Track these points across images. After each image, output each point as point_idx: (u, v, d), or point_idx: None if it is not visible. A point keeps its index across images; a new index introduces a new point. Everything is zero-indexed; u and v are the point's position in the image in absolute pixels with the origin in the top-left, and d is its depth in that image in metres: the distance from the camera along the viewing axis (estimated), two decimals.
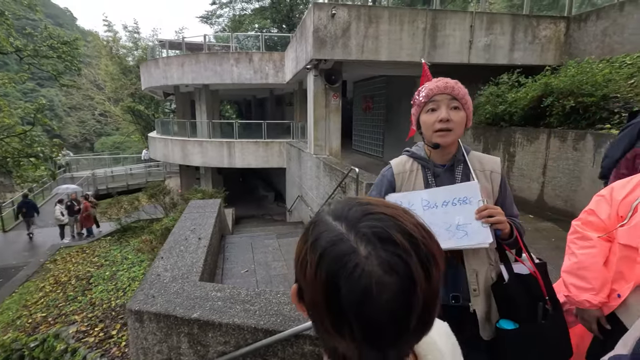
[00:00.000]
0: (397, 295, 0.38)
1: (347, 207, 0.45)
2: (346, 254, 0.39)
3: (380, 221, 0.42)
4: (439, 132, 1.30)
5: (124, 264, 8.84)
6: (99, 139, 40.75)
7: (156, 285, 2.45)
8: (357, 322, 0.39)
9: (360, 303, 0.38)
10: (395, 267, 0.39)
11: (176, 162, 15.56)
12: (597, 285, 1.34)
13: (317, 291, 0.41)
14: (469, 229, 1.26)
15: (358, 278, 0.38)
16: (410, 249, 0.40)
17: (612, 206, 1.34)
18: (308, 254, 0.43)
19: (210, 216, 4.13)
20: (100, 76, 26.93)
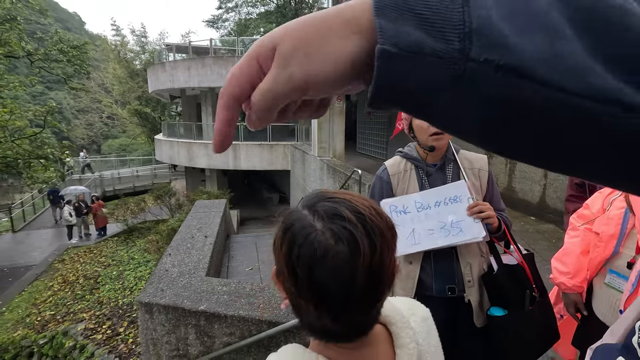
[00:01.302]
0: (344, 260, 0.44)
1: (312, 195, 0.52)
2: (304, 227, 0.46)
3: (334, 202, 0.48)
4: (434, 135, 1.36)
5: (131, 264, 8.98)
6: (106, 141, 41.21)
7: (165, 280, 2.56)
8: (311, 285, 0.46)
9: (311, 266, 0.45)
10: (342, 236, 0.45)
11: (182, 164, 15.74)
12: (572, 270, 1.44)
13: (281, 260, 0.48)
14: (462, 225, 1.35)
15: (310, 245, 0.45)
16: (357, 222, 0.46)
17: (603, 201, 1.43)
18: (277, 232, 0.50)
19: (216, 215, 4.24)
20: (108, 79, 27.29)
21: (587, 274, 1.39)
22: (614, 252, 1.26)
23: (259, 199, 17.44)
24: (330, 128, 8.33)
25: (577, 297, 1.43)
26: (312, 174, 9.42)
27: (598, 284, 1.36)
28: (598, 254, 1.32)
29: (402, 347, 0.55)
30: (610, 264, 1.29)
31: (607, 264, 1.30)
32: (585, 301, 1.43)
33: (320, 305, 0.47)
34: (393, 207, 1.42)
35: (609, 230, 1.29)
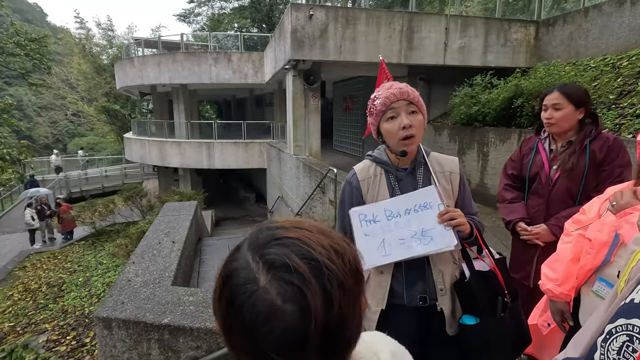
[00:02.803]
0: (292, 323, 0.37)
1: (258, 232, 0.45)
2: (246, 283, 0.39)
3: (283, 247, 0.41)
4: (404, 140, 1.30)
5: (99, 269, 8.56)
6: (72, 140, 39.25)
7: (126, 291, 2.39)
8: (251, 353, 0.39)
9: (252, 332, 0.38)
10: (290, 296, 0.38)
11: (153, 163, 15.21)
12: (561, 277, 1.39)
13: (220, 319, 0.41)
14: (434, 234, 1.30)
15: (249, 307, 0.38)
16: (310, 274, 0.39)
17: (600, 206, 1.40)
18: (217, 281, 0.43)
19: (186, 219, 4.06)
20: (72, 75, 25.93)
21: (576, 282, 1.34)
22: (605, 260, 1.21)
23: (235, 198, 17.13)
24: (306, 126, 8.23)
25: (563, 306, 1.39)
26: (288, 173, 9.30)
27: (585, 292, 1.31)
28: (588, 261, 1.27)
29: None
30: (601, 272, 1.24)
31: (597, 272, 1.25)
32: (572, 310, 1.38)
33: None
34: (362, 215, 1.36)
35: (602, 237, 1.24)
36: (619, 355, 0.63)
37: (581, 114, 1.78)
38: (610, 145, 1.72)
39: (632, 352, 0.60)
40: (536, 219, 1.91)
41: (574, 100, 1.76)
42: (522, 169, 1.99)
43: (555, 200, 1.83)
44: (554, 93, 1.81)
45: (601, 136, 1.77)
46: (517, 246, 2.03)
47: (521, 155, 2.03)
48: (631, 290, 0.70)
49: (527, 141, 2.05)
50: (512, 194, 2.04)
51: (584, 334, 0.87)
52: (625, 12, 6.26)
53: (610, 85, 5.07)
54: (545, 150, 1.90)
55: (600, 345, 0.69)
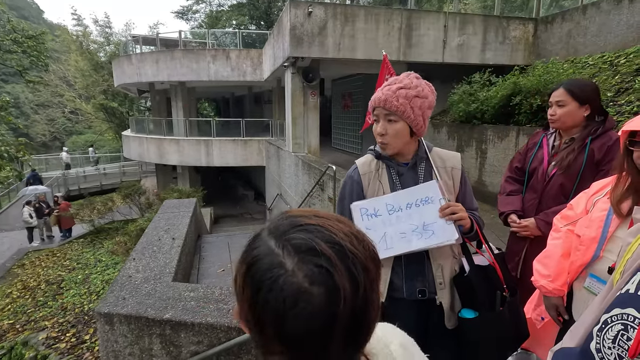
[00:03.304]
0: (320, 307, 0.38)
1: (279, 221, 0.45)
2: (271, 267, 0.39)
3: (307, 232, 0.41)
4: (380, 142, 1.38)
5: (98, 267, 8.56)
6: (69, 137, 39.09)
7: (127, 287, 2.40)
8: (282, 337, 0.39)
9: (282, 317, 0.38)
10: (318, 278, 0.38)
11: (152, 161, 15.18)
12: (553, 273, 1.40)
13: (245, 304, 0.41)
14: (435, 228, 1.31)
15: (278, 290, 0.38)
16: (336, 257, 0.39)
17: (587, 201, 1.40)
18: (239, 268, 0.43)
19: (185, 216, 4.07)
20: (70, 72, 25.78)
21: (568, 277, 1.35)
22: (594, 256, 1.22)
23: (234, 196, 17.13)
24: (304, 124, 8.23)
25: (557, 301, 1.40)
26: (287, 170, 9.31)
27: (578, 288, 1.32)
28: (578, 258, 1.28)
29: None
30: (591, 268, 1.25)
31: (588, 268, 1.26)
32: (566, 304, 1.40)
33: (296, 355, 0.40)
34: (364, 210, 1.37)
35: (590, 233, 1.24)
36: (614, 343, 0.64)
37: (587, 110, 1.75)
38: (610, 145, 1.70)
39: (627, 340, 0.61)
40: (528, 213, 1.93)
41: (578, 96, 1.74)
42: (525, 163, 2.01)
43: (548, 196, 1.85)
44: (559, 89, 1.80)
45: (605, 135, 1.73)
46: (511, 238, 2.07)
47: (527, 149, 2.04)
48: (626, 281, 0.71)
49: (534, 136, 2.06)
50: (513, 186, 2.05)
51: (580, 325, 0.88)
52: (623, 10, 6.28)
53: (608, 83, 5.09)
54: (548, 146, 1.91)
55: (596, 335, 0.70)
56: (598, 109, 1.79)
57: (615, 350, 0.64)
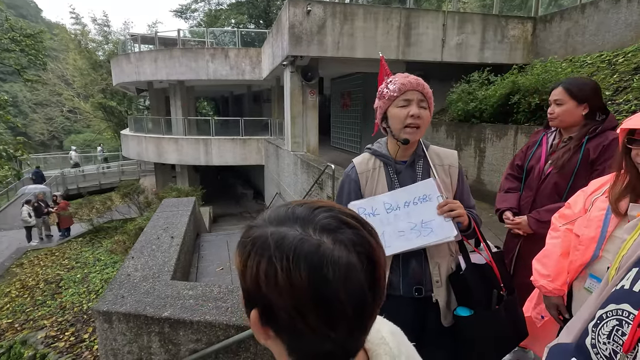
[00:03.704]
0: (368, 268, 0.42)
1: (289, 209, 0.45)
2: (317, 247, 0.40)
3: (329, 211, 0.44)
4: (409, 127, 1.32)
5: (97, 266, 8.55)
6: (68, 136, 38.97)
7: (126, 285, 2.41)
8: (349, 307, 0.40)
9: (347, 287, 0.40)
10: (360, 246, 0.42)
11: (151, 160, 15.16)
12: (552, 272, 1.40)
13: (301, 296, 0.40)
14: (433, 225, 1.31)
15: (337, 264, 0.39)
16: (360, 225, 0.44)
17: (585, 200, 1.39)
18: (271, 264, 0.41)
19: (184, 214, 4.07)
20: (68, 71, 25.71)
21: (568, 277, 1.35)
22: (593, 256, 1.22)
23: (233, 195, 17.12)
24: (303, 122, 8.24)
25: (558, 300, 1.40)
26: (286, 169, 9.31)
27: (577, 288, 1.32)
28: (578, 257, 1.27)
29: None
30: (590, 268, 1.24)
31: (587, 268, 1.25)
32: (566, 303, 1.39)
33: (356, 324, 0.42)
34: (362, 209, 1.37)
35: (589, 232, 1.24)
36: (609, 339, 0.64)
37: (585, 109, 1.74)
38: (605, 145, 1.69)
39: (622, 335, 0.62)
40: (524, 211, 1.94)
41: (576, 95, 1.73)
42: (525, 160, 2.02)
43: (542, 195, 1.85)
44: (558, 88, 1.80)
45: (602, 135, 1.72)
46: (507, 236, 2.08)
47: (527, 146, 2.05)
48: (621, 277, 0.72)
49: (535, 134, 2.06)
50: (511, 183, 2.06)
51: (576, 321, 0.88)
52: (621, 9, 6.29)
53: (607, 82, 5.10)
54: (547, 145, 1.91)
55: (591, 330, 0.71)
56: (598, 107, 1.78)
57: (610, 345, 0.65)
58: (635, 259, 0.72)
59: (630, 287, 0.65)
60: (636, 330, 0.58)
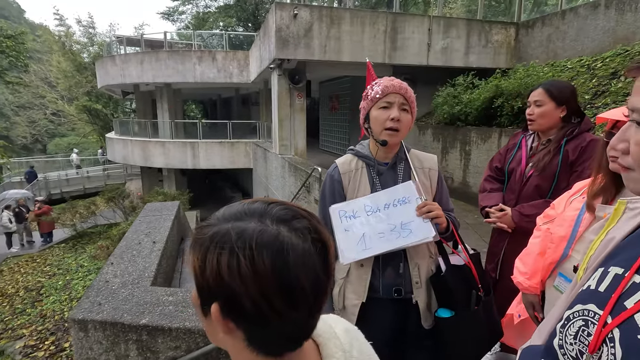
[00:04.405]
0: (322, 254, 0.46)
1: (244, 206, 0.49)
2: (275, 236, 0.43)
3: (282, 205, 0.48)
4: (389, 130, 1.34)
5: (79, 272, 8.35)
6: (52, 140, 38.10)
7: (103, 292, 2.34)
8: (309, 289, 0.44)
9: (307, 271, 0.44)
10: (314, 233, 0.46)
11: (137, 163, 14.93)
12: (530, 270, 1.43)
13: (265, 279, 0.42)
14: (412, 226, 1.32)
15: (295, 250, 0.43)
16: (311, 217, 0.48)
17: (566, 200, 1.42)
18: (233, 256, 0.42)
19: (168, 219, 3.99)
20: (52, 73, 25.17)
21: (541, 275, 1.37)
22: (563, 255, 1.23)
23: (222, 198, 16.95)
24: (291, 125, 8.22)
25: (534, 298, 1.42)
26: (274, 172, 9.27)
27: (549, 286, 1.34)
28: (549, 256, 1.30)
29: (329, 357, 0.54)
30: (560, 267, 1.26)
31: (558, 266, 1.27)
32: (541, 302, 1.41)
33: (316, 305, 0.46)
34: (342, 212, 1.37)
35: (561, 231, 1.26)
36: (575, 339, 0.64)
37: (563, 111, 1.77)
38: (584, 147, 1.71)
39: (587, 336, 0.62)
40: None
41: (555, 97, 1.75)
42: (505, 163, 2.03)
43: (525, 197, 1.86)
44: (538, 89, 1.82)
45: (579, 137, 1.75)
46: (493, 239, 2.08)
47: (506, 149, 2.06)
48: (588, 278, 0.72)
49: (514, 137, 2.08)
50: (492, 184, 2.07)
51: (547, 323, 0.89)
52: (599, 15, 6.47)
53: (586, 86, 5.23)
54: (527, 147, 1.93)
55: (559, 331, 0.71)
56: (574, 110, 1.81)
57: (577, 346, 0.64)
58: (601, 260, 0.73)
59: (596, 287, 0.65)
60: (601, 330, 0.58)
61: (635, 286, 0.55)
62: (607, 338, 0.54)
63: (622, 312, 0.54)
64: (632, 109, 0.55)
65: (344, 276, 1.43)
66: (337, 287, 1.45)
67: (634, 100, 0.54)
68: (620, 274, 0.59)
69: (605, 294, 0.59)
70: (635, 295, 0.53)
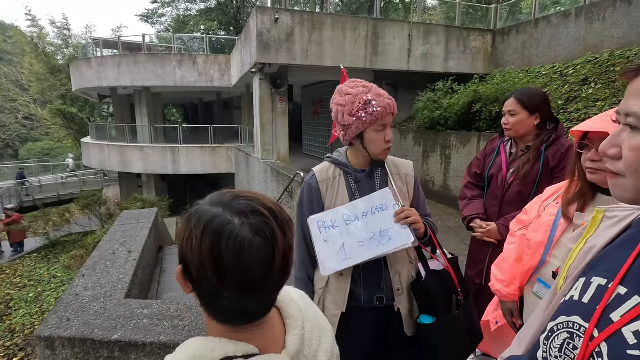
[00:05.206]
0: (264, 249, 0.52)
1: (221, 195, 0.58)
2: (224, 224, 0.52)
3: (248, 200, 0.56)
4: (386, 150, 1.38)
5: (52, 283, 7.99)
6: (24, 145, 36.57)
7: (73, 307, 2.22)
8: (237, 273, 0.51)
9: (237, 258, 0.51)
10: (262, 229, 0.53)
11: (114, 169, 14.50)
12: (507, 277, 1.42)
13: (204, 257, 0.52)
14: (391, 233, 1.31)
15: (234, 239, 0.51)
16: (270, 216, 0.55)
17: (540, 206, 1.42)
18: (192, 232, 0.53)
19: (145, 227, 3.86)
20: (24, 76, 24.20)
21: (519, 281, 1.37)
22: (541, 261, 1.24)
23: None
24: (273, 130, 8.16)
25: (512, 305, 1.42)
26: (256, 177, 9.16)
27: (528, 293, 1.34)
28: (527, 262, 1.30)
29: (290, 317, 0.66)
30: (539, 273, 1.27)
31: (536, 272, 1.28)
32: (520, 309, 1.41)
33: (245, 289, 0.53)
34: (321, 222, 1.35)
35: (538, 237, 1.27)
36: (560, 352, 0.63)
37: (537, 119, 1.80)
38: (563, 153, 1.74)
39: (573, 349, 0.60)
40: (491, 219, 1.96)
41: (527, 106, 1.78)
42: (484, 169, 2.04)
43: (507, 203, 1.88)
44: (511, 99, 1.85)
45: (558, 142, 1.77)
46: (474, 245, 2.08)
47: (485, 154, 2.07)
48: (570, 288, 0.71)
49: (491, 142, 2.09)
50: (473, 192, 2.08)
51: (527, 331, 0.88)
52: (570, 24, 6.74)
53: (559, 92, 5.42)
54: (506, 153, 1.95)
55: (542, 343, 0.69)
56: (548, 117, 1.83)
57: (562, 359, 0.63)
58: (581, 269, 0.72)
59: (580, 298, 0.64)
60: (588, 344, 0.57)
61: (620, 298, 0.54)
62: (595, 352, 0.53)
63: (609, 326, 0.52)
64: (627, 113, 0.53)
65: (323, 286, 1.41)
66: (317, 298, 1.42)
67: (631, 105, 0.52)
68: (603, 285, 0.58)
69: (590, 306, 0.58)
70: (621, 308, 0.52)
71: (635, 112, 0.51)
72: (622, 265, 0.57)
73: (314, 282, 1.46)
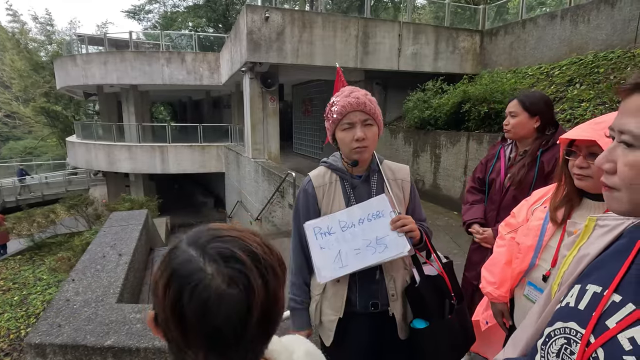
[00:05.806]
0: (237, 304, 0.44)
1: (199, 233, 0.50)
2: (193, 272, 0.45)
3: (226, 242, 0.48)
4: (356, 149, 1.31)
5: (38, 286, 7.81)
6: (6, 143, 35.58)
7: (64, 312, 2.19)
8: (200, 331, 0.45)
9: (202, 314, 0.44)
10: (237, 280, 0.45)
11: (101, 168, 14.23)
12: (498, 280, 1.45)
13: (167, 308, 0.45)
14: (387, 241, 1.31)
15: (200, 292, 0.44)
16: (251, 264, 0.46)
17: (527, 210, 1.44)
18: (160, 277, 0.47)
19: (135, 229, 3.81)
20: (4, 72, 23.53)
21: (510, 284, 1.40)
22: (531, 264, 1.26)
23: (193, 204, 16.49)
24: (264, 129, 8.12)
25: (503, 307, 1.45)
26: (247, 177, 9.12)
27: (518, 295, 1.37)
28: (517, 265, 1.32)
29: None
30: (529, 276, 1.29)
31: (526, 275, 1.30)
32: (510, 310, 1.44)
33: (211, 351, 0.46)
34: (317, 228, 1.35)
35: (527, 241, 1.29)
36: (558, 357, 0.65)
37: (537, 122, 1.80)
38: (558, 158, 1.70)
39: (570, 354, 0.62)
40: (489, 224, 1.99)
41: (528, 108, 1.80)
42: (486, 173, 2.05)
43: (505, 208, 1.89)
44: (514, 101, 1.87)
45: (554, 147, 1.76)
46: (472, 248, 2.12)
47: (486, 159, 2.10)
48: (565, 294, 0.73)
49: (493, 146, 2.11)
50: (475, 196, 2.10)
51: (521, 334, 0.90)
52: (556, 26, 6.87)
53: (545, 92, 5.52)
54: (505, 157, 1.97)
55: (540, 348, 0.71)
56: (549, 121, 1.84)
57: None
58: (576, 276, 0.74)
59: (575, 305, 0.66)
60: (584, 350, 0.59)
61: (615, 305, 0.55)
62: (592, 358, 0.55)
63: (605, 332, 0.54)
64: (621, 131, 0.55)
65: (321, 292, 1.41)
66: (314, 303, 1.43)
67: (625, 123, 0.54)
68: (598, 293, 0.60)
69: (586, 312, 0.60)
70: (617, 315, 0.54)
71: (629, 130, 0.53)
72: (616, 273, 0.59)
73: (310, 288, 1.47)
